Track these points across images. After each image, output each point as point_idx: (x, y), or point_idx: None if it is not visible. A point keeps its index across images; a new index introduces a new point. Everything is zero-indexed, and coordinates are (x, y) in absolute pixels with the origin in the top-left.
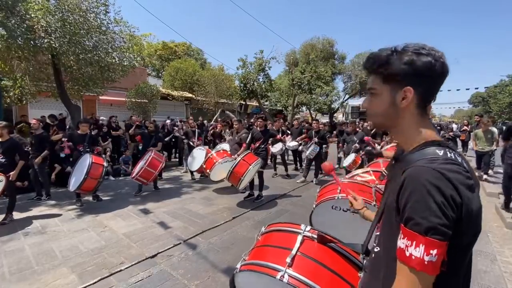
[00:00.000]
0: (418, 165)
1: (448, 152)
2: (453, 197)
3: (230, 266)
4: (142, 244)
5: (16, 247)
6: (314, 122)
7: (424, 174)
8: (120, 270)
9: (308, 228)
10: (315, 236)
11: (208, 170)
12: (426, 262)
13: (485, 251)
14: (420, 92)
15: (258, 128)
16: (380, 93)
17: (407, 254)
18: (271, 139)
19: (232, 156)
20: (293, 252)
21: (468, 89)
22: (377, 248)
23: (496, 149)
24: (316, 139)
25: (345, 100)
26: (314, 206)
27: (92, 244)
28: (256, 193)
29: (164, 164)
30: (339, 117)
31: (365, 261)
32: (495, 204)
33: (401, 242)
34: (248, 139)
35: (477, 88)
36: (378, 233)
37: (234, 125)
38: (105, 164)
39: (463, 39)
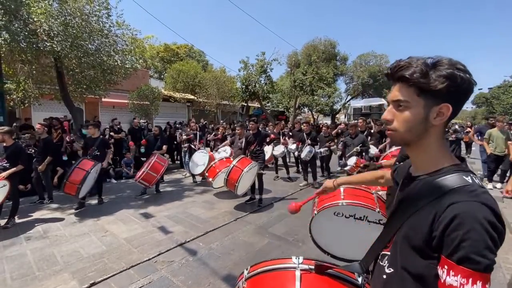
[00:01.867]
0: (465, 199)
1: (474, 178)
2: (501, 229)
3: (230, 272)
4: (143, 250)
5: (18, 252)
6: (304, 124)
7: (478, 210)
8: (119, 272)
9: (301, 259)
10: (313, 267)
11: (210, 179)
12: None
13: None
14: (453, 110)
15: (250, 132)
16: (412, 106)
17: None
18: (267, 139)
19: None
20: None
21: None
22: (389, 269)
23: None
24: (309, 141)
25: (347, 102)
26: (315, 212)
27: (93, 249)
28: (257, 196)
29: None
30: (341, 118)
31: (361, 278)
32: (500, 208)
33: (453, 280)
34: (243, 144)
35: (480, 89)
36: (387, 253)
37: (236, 130)
38: (88, 169)
39: (466, 39)
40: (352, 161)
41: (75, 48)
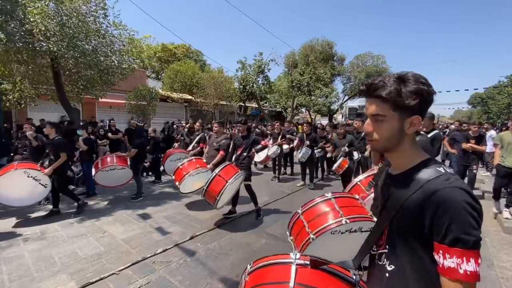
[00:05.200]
0: (444, 186)
1: (445, 168)
2: (479, 208)
3: (228, 273)
4: (141, 250)
5: (16, 253)
6: (305, 125)
7: (457, 195)
8: (118, 272)
9: (298, 255)
10: (308, 262)
11: (177, 183)
12: (477, 272)
13: (481, 255)
14: (422, 119)
15: (239, 134)
16: (388, 120)
17: (461, 271)
18: (258, 146)
19: (208, 166)
20: (291, 284)
21: (467, 89)
22: (391, 267)
23: None
24: (307, 142)
25: (345, 102)
26: (311, 237)
27: (91, 250)
28: (247, 207)
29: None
30: (339, 118)
31: (356, 276)
32: (493, 208)
33: (450, 262)
34: (230, 147)
35: (476, 89)
36: (385, 251)
37: (213, 128)
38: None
39: (463, 39)
40: (338, 161)
41: (72, 48)
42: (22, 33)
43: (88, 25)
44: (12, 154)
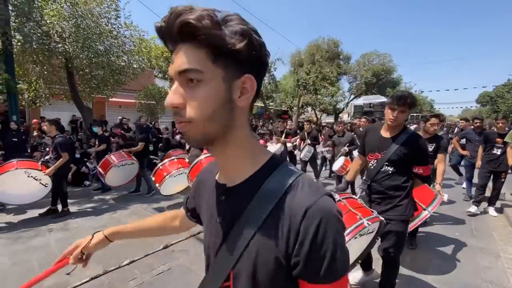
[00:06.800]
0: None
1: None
2: None
3: None
4: (159, 240)
5: (43, 242)
6: (305, 123)
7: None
8: (139, 259)
9: None
10: None
11: (157, 185)
12: None
13: (488, 248)
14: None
15: None
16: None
17: None
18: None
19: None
20: None
21: (475, 87)
22: None
23: None
24: (309, 141)
25: (351, 101)
26: None
27: None
28: None
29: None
30: (344, 117)
31: None
32: (500, 203)
33: None
34: None
35: (485, 87)
36: None
37: None
38: None
39: (471, 38)
40: (340, 161)
41: (86, 49)
42: (39, 35)
43: (101, 26)
44: (29, 151)
